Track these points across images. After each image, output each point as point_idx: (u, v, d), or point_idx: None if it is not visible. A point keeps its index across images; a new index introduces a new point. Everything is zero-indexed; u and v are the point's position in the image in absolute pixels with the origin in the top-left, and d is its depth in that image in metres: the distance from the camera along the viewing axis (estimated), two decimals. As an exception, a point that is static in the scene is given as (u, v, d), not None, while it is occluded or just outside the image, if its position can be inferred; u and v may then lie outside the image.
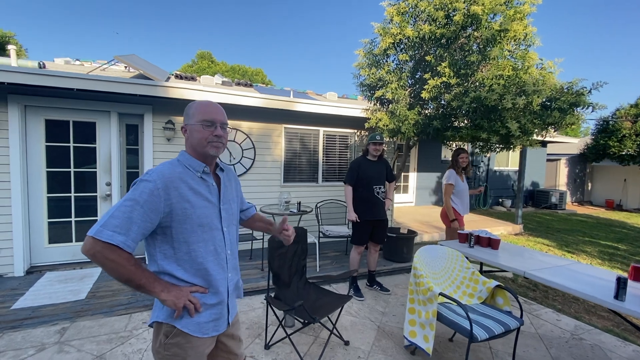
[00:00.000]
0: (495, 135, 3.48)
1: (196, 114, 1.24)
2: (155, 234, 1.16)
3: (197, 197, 1.20)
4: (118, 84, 3.88)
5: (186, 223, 1.17)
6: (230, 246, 1.33)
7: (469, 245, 3.16)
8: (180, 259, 1.18)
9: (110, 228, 1.03)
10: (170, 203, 1.13)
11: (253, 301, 3.46)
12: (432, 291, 2.28)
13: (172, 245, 1.17)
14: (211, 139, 1.23)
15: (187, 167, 1.22)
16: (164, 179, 1.12)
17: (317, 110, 5.02)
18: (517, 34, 3.39)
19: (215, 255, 1.25)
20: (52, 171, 4.21)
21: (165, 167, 1.17)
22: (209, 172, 1.27)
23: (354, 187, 3.57)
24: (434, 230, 6.90)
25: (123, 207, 1.06)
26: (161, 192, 1.11)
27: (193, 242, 1.19)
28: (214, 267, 1.24)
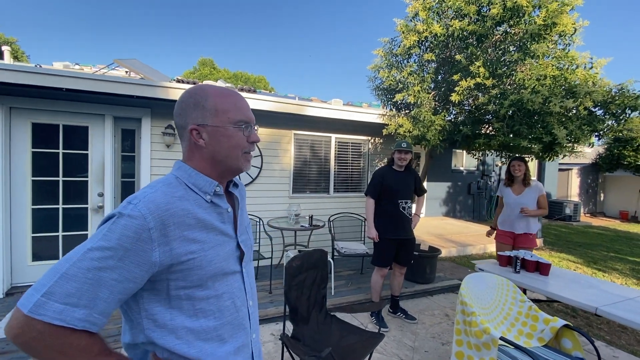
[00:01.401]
0: (537, 143, 3.07)
1: (224, 110, 0.81)
2: (140, 290, 0.73)
3: (208, 233, 0.79)
4: (113, 84, 3.49)
5: (192, 275, 0.75)
6: (252, 294, 0.92)
7: (514, 270, 2.72)
8: (181, 328, 0.75)
9: (60, 298, 0.61)
10: (170, 250, 0.71)
11: (262, 332, 3.00)
12: (490, 334, 1.84)
13: (169, 306, 0.75)
14: (247, 148, 0.84)
15: (190, 188, 0.80)
16: (159, 211, 0.70)
17: (330, 115, 4.62)
18: (566, 28, 3.00)
19: (234, 312, 0.83)
20: (39, 180, 3.78)
21: (158, 191, 0.74)
22: (222, 192, 0.85)
23: (377, 201, 3.14)
24: (450, 244, 6.44)
25: (86, 262, 0.64)
26: (154, 235, 0.69)
27: (202, 300, 0.77)
28: (233, 333, 0.83)
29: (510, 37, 3.30)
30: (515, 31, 3.24)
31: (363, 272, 4.44)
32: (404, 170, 3.16)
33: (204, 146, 0.82)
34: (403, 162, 3.13)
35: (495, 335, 1.82)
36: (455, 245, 6.37)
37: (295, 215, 4.20)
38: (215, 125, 0.81)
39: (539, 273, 2.72)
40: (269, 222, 4.12)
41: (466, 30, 3.40)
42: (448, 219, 9.48)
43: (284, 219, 4.40)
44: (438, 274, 4.50)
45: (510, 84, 3.25)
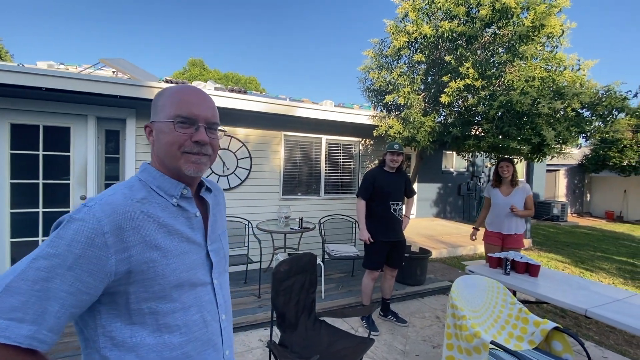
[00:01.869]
0: (526, 144, 3.07)
1: (167, 105, 0.75)
2: (96, 304, 0.67)
3: (172, 240, 0.72)
4: (95, 83, 3.38)
5: (154, 285, 0.68)
6: (225, 307, 0.85)
7: (504, 272, 2.71)
8: (143, 346, 0.68)
9: (4, 313, 0.54)
10: (128, 257, 0.65)
11: (250, 338, 2.93)
12: (480, 338, 1.81)
13: (129, 321, 0.68)
14: (188, 147, 0.75)
15: (154, 191, 0.74)
16: (116, 215, 0.65)
17: (320, 116, 4.58)
18: (554, 30, 3.02)
19: (203, 328, 0.76)
20: (17, 183, 3.65)
21: (117, 193, 0.69)
22: (190, 195, 0.79)
23: (368, 203, 3.10)
24: (441, 245, 6.45)
25: (32, 272, 0.57)
26: (110, 241, 0.63)
27: (166, 314, 0.70)
28: (201, 350, 0.76)
29: (499, 39, 3.31)
30: (504, 33, 3.25)
31: (354, 275, 4.39)
32: (395, 171, 3.13)
33: (153, 144, 0.78)
34: (395, 164, 3.10)
35: (486, 339, 1.79)
36: (446, 246, 6.38)
37: (285, 218, 4.13)
38: (157, 121, 0.76)
39: (529, 274, 2.71)
40: (258, 225, 4.04)
41: (456, 32, 3.39)
42: (439, 220, 9.53)
43: (274, 222, 4.33)
44: (429, 275, 4.49)
45: (499, 85, 3.26)
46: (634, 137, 11.06)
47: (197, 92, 0.79)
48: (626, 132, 11.10)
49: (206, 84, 8.40)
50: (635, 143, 11.10)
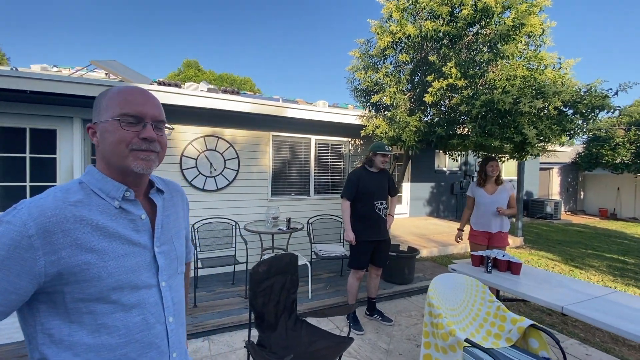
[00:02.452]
0: (508, 142, 3.09)
1: (111, 105, 0.76)
2: (35, 303, 0.68)
3: (110, 242, 0.73)
4: (79, 86, 3.38)
5: (90, 287, 0.69)
6: (174, 310, 0.84)
7: (486, 270, 2.73)
8: (79, 345, 0.69)
9: None
10: (58, 259, 0.65)
11: (234, 339, 2.93)
12: (455, 336, 1.82)
13: (68, 319, 0.69)
14: (135, 144, 0.76)
15: (94, 193, 0.75)
16: (43, 218, 0.65)
17: (308, 117, 4.59)
18: (534, 29, 3.04)
19: (145, 330, 0.77)
20: (4, 186, 3.64)
21: (49, 197, 0.69)
22: (133, 198, 0.79)
23: (353, 203, 3.11)
24: (432, 244, 6.47)
25: None
26: (36, 243, 0.63)
27: (105, 315, 0.71)
28: (142, 352, 0.76)
29: (482, 38, 3.32)
30: (486, 32, 3.27)
31: (342, 275, 4.40)
32: (378, 171, 3.15)
33: (98, 145, 0.78)
34: (385, 165, 3.12)
35: (461, 337, 1.81)
36: (437, 245, 6.40)
37: (274, 219, 4.14)
38: (102, 121, 0.77)
39: (511, 272, 2.73)
40: (246, 226, 4.04)
41: (439, 31, 3.41)
42: (431, 219, 9.55)
43: (263, 222, 4.33)
44: (417, 274, 4.50)
45: (482, 84, 3.27)
46: (626, 134, 11.13)
47: (141, 92, 0.80)
48: (618, 130, 11.17)
49: (199, 85, 8.41)
50: (628, 141, 11.18)
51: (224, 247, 4.08)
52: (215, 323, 3.02)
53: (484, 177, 3.43)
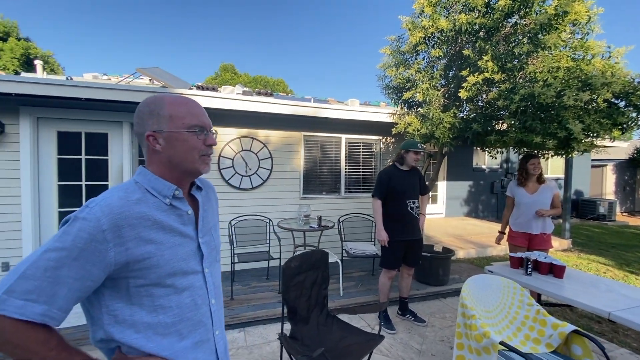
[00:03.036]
0: (552, 138, 2.91)
1: (178, 117, 0.85)
2: (101, 288, 0.78)
3: (165, 234, 0.82)
4: (127, 92, 3.67)
5: (151, 273, 0.79)
6: (215, 293, 0.95)
7: (525, 272, 2.60)
8: (140, 323, 0.79)
9: (20, 295, 0.66)
10: (126, 250, 0.75)
11: (268, 332, 3.04)
12: (490, 338, 1.77)
13: (129, 302, 0.79)
14: (205, 151, 0.88)
15: (149, 192, 0.84)
16: (113, 214, 0.75)
17: (339, 116, 4.62)
18: (579, 17, 2.83)
19: (194, 310, 0.87)
20: (64, 185, 4.04)
21: (114, 195, 0.79)
22: (181, 196, 0.89)
23: (384, 202, 3.09)
24: (469, 246, 6.23)
25: (43, 262, 0.68)
26: (109, 236, 0.73)
27: (161, 297, 0.81)
28: (192, 329, 0.86)
29: (521, 29, 3.15)
30: (526, 22, 3.10)
31: (374, 274, 4.39)
32: (409, 169, 3.10)
33: (161, 151, 0.86)
34: (417, 163, 3.09)
35: (495, 340, 1.75)
36: (475, 246, 6.15)
37: (305, 217, 4.22)
38: (170, 131, 0.85)
39: (553, 275, 2.58)
40: (279, 223, 4.16)
41: (475, 24, 3.29)
42: (469, 219, 9.18)
43: (295, 220, 4.43)
44: (453, 275, 4.37)
45: (521, 77, 3.11)
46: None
47: (197, 103, 0.91)
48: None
49: (235, 88, 8.75)
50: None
51: (259, 243, 4.24)
52: (251, 316, 3.15)
53: (524, 176, 3.24)
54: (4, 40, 18.79)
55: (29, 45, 19.84)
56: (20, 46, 18.96)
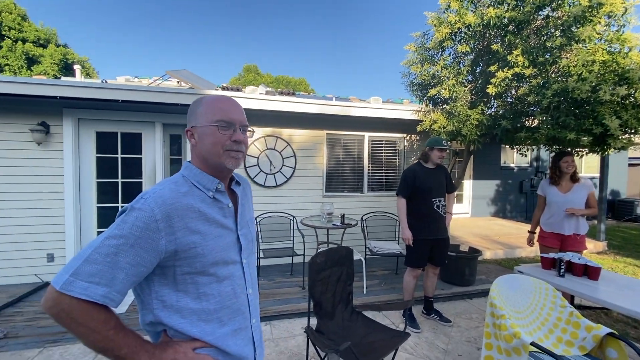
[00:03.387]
0: (587, 135, 2.79)
1: (207, 112, 0.91)
2: (151, 275, 0.84)
3: (209, 226, 0.88)
4: (158, 94, 3.84)
5: (196, 262, 0.85)
6: (251, 283, 1.00)
7: (558, 273, 2.52)
8: (185, 309, 0.85)
9: (85, 277, 0.72)
10: (175, 239, 0.81)
11: (293, 326, 3.11)
12: (520, 339, 1.74)
13: (176, 289, 0.85)
14: (229, 145, 0.91)
15: (194, 186, 0.90)
16: (165, 205, 0.81)
17: (361, 114, 4.62)
18: (614, 8, 2.69)
19: (233, 298, 0.92)
20: (102, 182, 4.29)
21: (165, 188, 0.85)
22: (223, 189, 0.94)
23: (409, 200, 3.07)
24: (497, 246, 6.05)
25: (105, 248, 0.75)
26: (161, 226, 0.79)
27: (204, 285, 0.87)
28: (232, 316, 0.92)
29: (553, 21, 3.03)
30: (558, 15, 2.98)
31: (398, 273, 4.37)
32: (435, 167, 3.07)
33: (195, 145, 0.93)
34: (441, 160, 3.02)
35: (526, 341, 1.72)
36: (503, 247, 5.97)
37: (328, 214, 4.26)
38: (200, 126, 0.91)
39: (587, 277, 2.48)
40: (302, 220, 4.23)
41: (504, 18, 3.20)
42: (497, 220, 8.90)
43: (318, 218, 4.48)
44: (480, 276, 4.28)
45: (554, 72, 3.00)
46: None
47: (231, 100, 0.95)
48: None
49: (258, 88, 8.91)
50: None
51: (283, 240, 4.33)
52: (276, 310, 3.23)
53: (557, 174, 3.11)
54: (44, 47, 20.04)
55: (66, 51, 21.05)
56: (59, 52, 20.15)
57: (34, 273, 3.95)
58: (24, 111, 3.82)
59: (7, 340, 2.73)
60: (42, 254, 3.98)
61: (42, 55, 19.54)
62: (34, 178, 3.91)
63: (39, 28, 20.30)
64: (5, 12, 18.31)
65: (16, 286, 3.84)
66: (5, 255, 3.88)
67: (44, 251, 3.99)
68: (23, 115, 3.82)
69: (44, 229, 3.97)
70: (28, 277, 3.94)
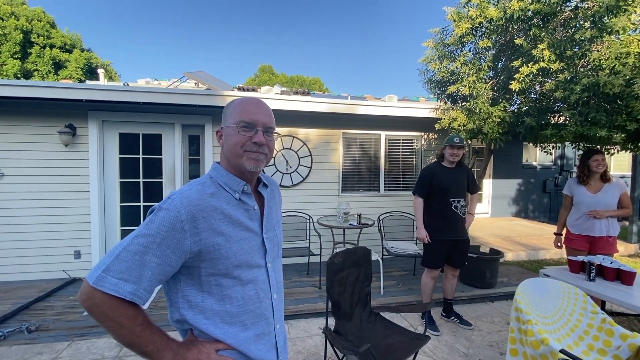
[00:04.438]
0: (619, 132, 2.65)
1: (233, 114, 0.92)
2: (177, 274, 0.85)
3: (234, 228, 0.88)
4: (178, 96, 3.92)
5: (219, 264, 0.85)
6: (277, 288, 0.99)
7: (588, 277, 2.40)
8: (209, 310, 0.86)
9: (115, 274, 0.74)
10: (200, 240, 0.82)
11: (310, 325, 3.10)
12: (548, 346, 1.66)
13: (200, 289, 0.86)
14: (248, 146, 0.90)
15: (221, 187, 0.91)
16: (191, 207, 0.81)
17: (378, 112, 4.56)
18: (653, -5, 2.54)
19: (257, 302, 0.91)
20: (125, 181, 4.42)
21: (192, 189, 0.86)
22: (249, 191, 0.94)
23: (427, 200, 3.01)
24: (519, 247, 5.84)
25: (134, 246, 0.77)
26: (186, 226, 0.80)
27: (228, 287, 0.87)
28: (255, 321, 0.91)
29: (582, 12, 2.89)
30: (588, 5, 2.83)
31: (415, 274, 4.29)
32: (455, 166, 2.98)
33: (222, 146, 0.94)
34: (455, 158, 2.93)
35: (555, 348, 1.64)
36: (525, 248, 5.76)
37: (344, 214, 4.23)
38: (226, 127, 0.92)
39: (621, 282, 2.35)
40: (318, 220, 4.22)
41: (528, 10, 3.07)
42: (518, 220, 8.61)
43: (334, 217, 4.46)
44: (501, 279, 4.15)
45: (583, 65, 2.85)
46: None
47: (256, 102, 0.94)
48: None
49: (273, 88, 8.97)
50: None
51: (299, 239, 4.33)
52: (293, 309, 3.24)
53: (586, 173, 2.96)
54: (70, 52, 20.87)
55: (90, 56, 21.84)
56: (83, 57, 20.94)
57: (62, 269, 4.12)
58: (52, 114, 3.98)
59: (40, 332, 2.85)
60: (70, 250, 4.14)
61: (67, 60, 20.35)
62: (62, 178, 4.07)
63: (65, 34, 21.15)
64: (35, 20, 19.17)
65: (46, 281, 4.01)
66: (36, 252, 4.06)
67: (72, 248, 4.15)
68: (51, 118, 3.99)
69: (71, 227, 4.13)
70: (57, 272, 4.12)
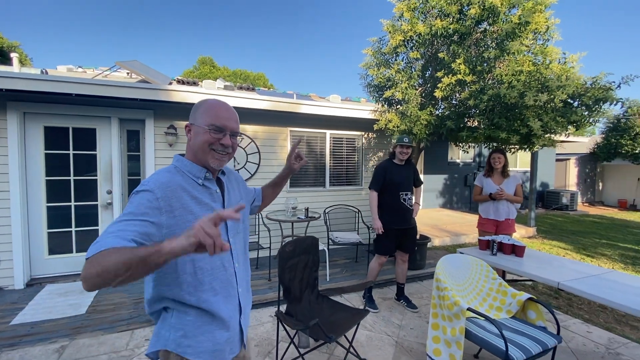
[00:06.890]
0: (515, 134, 3.28)
1: (205, 115, 1.07)
2: None
3: (201, 208, 1.04)
4: (118, 88, 3.73)
5: None
6: (237, 258, 1.17)
7: (492, 252, 2.95)
8: (184, 282, 1.01)
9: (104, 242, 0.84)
10: (174, 217, 0.97)
11: (261, 314, 3.27)
12: (459, 306, 2.08)
13: (175, 265, 0.99)
14: (216, 146, 1.06)
15: (186, 174, 1.06)
16: (163, 187, 0.97)
17: (323, 112, 4.85)
18: (539, 26, 3.20)
19: (223, 271, 1.09)
20: (52, 180, 4.05)
21: (162, 175, 1.02)
22: (211, 177, 1.11)
23: (380, 194, 3.36)
24: (444, 234, 6.67)
25: (117, 224, 0.88)
26: (161, 203, 0.95)
27: (199, 260, 1.03)
28: (223, 286, 1.09)
29: (489, 35, 3.49)
30: (494, 29, 3.43)
31: (357, 260, 4.68)
32: (404, 163, 3.37)
33: (190, 140, 1.09)
34: (404, 156, 3.30)
35: (464, 306, 2.06)
36: (449, 234, 6.59)
37: (292, 209, 4.44)
38: (196, 125, 1.07)
39: (515, 255, 2.95)
40: (267, 215, 4.37)
41: (449, 29, 3.59)
42: (444, 210, 9.70)
43: (283, 212, 4.64)
44: (429, 260, 4.74)
45: (490, 79, 3.45)
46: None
47: (227, 108, 1.10)
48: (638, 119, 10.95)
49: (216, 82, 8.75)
50: (648, 130, 10.95)
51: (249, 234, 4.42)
52: (244, 300, 3.36)
53: (490, 169, 3.62)
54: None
55: (-8, 34, 18.70)
56: (-18, 34, 17.84)
57: (-26, 278, 3.66)
58: (-42, 103, 3.50)
59: (-46, 348, 2.57)
60: (-15, 257, 3.70)
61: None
62: (-27, 176, 3.60)
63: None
64: None
65: (-46, 294, 3.54)
66: (-61, 261, 3.55)
67: (-13, 254, 3.70)
68: (-42, 107, 3.50)
69: (-14, 230, 3.68)
70: (-32, 283, 3.65)
